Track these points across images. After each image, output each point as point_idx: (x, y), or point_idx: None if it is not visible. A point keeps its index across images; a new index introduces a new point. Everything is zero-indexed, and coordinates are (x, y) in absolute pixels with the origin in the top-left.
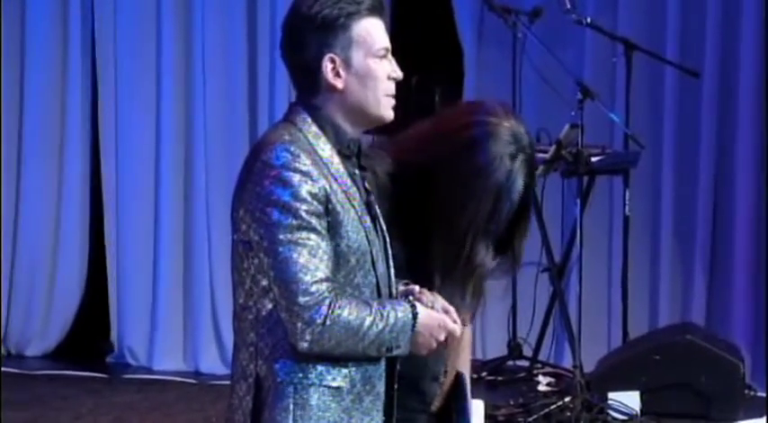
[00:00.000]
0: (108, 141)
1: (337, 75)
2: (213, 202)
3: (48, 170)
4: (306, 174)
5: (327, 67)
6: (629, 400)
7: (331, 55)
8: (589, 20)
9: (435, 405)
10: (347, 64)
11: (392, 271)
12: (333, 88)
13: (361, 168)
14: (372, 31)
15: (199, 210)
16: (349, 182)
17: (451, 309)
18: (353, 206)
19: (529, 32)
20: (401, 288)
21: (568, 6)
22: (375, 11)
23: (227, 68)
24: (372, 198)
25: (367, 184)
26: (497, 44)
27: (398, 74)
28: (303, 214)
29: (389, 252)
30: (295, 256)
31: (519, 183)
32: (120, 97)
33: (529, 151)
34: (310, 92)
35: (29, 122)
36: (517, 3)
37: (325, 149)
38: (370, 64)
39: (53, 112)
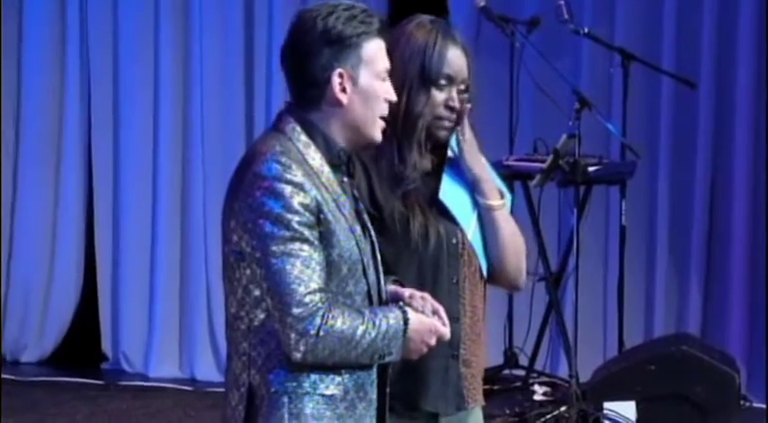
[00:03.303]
0: (104, 150)
1: (343, 90)
2: (210, 209)
3: (45, 178)
4: (297, 185)
5: (336, 81)
6: (625, 410)
7: (340, 70)
8: (586, 30)
9: (465, 352)
10: (354, 81)
11: (382, 277)
12: (337, 102)
13: (350, 176)
14: (379, 52)
15: (195, 216)
16: (339, 191)
17: (440, 309)
18: (344, 215)
19: (526, 42)
20: (390, 287)
21: (566, 16)
22: (382, 33)
23: (223, 83)
24: (361, 206)
25: (355, 192)
26: (495, 54)
27: (393, 96)
28: (295, 225)
29: (378, 258)
30: (288, 267)
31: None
32: (115, 111)
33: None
34: (310, 103)
35: (27, 131)
36: (515, 12)
37: (315, 158)
38: (375, 84)
39: (50, 125)
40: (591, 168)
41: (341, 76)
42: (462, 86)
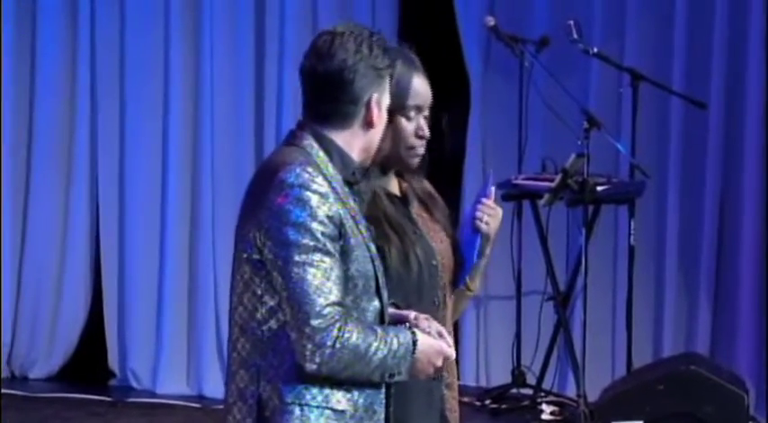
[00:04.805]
0: (111, 167)
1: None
2: (219, 224)
3: (53, 196)
4: (323, 196)
5: (374, 104)
6: None
7: (376, 94)
8: (596, 49)
9: (447, 376)
10: (380, 107)
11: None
12: (370, 124)
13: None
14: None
15: (204, 232)
16: (356, 208)
17: (444, 330)
18: (361, 232)
19: (536, 61)
20: (391, 311)
21: (575, 36)
22: None
23: (233, 101)
24: (371, 226)
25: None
26: (504, 73)
27: None
28: (319, 236)
29: (384, 279)
30: (309, 277)
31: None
32: (122, 135)
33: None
34: (342, 121)
35: (37, 150)
36: (524, 32)
37: (334, 175)
38: (385, 114)
39: (61, 145)
40: (599, 188)
41: (377, 100)
42: (426, 112)
